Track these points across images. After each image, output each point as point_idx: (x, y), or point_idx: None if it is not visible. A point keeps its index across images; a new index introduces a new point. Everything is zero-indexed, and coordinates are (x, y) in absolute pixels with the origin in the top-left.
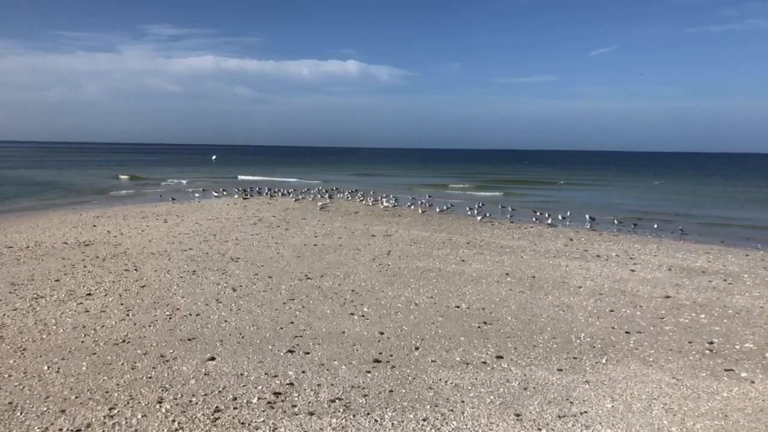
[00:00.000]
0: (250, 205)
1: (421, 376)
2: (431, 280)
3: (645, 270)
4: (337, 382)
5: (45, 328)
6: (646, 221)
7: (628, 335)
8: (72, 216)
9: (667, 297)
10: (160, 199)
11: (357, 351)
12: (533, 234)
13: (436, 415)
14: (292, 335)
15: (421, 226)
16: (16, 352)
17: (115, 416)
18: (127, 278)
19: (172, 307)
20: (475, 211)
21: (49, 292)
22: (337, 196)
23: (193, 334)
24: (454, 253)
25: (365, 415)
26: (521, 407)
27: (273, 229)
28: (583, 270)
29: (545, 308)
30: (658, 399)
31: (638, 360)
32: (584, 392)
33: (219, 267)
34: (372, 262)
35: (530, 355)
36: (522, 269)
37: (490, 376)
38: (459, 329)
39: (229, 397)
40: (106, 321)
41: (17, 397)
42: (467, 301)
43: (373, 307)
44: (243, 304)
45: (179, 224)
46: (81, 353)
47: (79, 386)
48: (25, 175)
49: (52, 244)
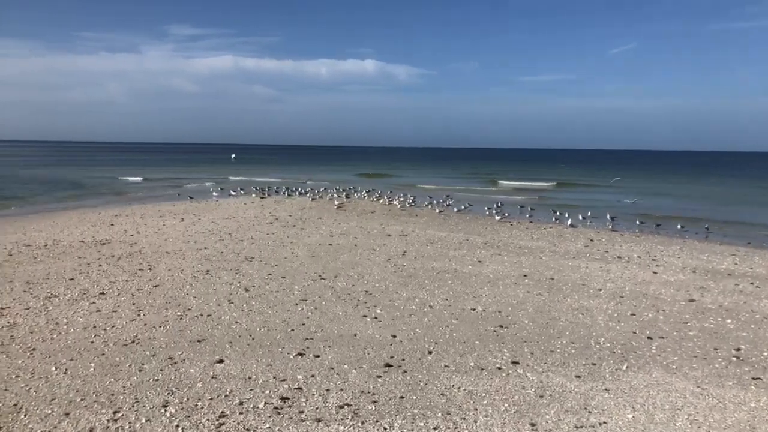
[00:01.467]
0: (267, 204)
1: (433, 381)
2: (447, 282)
3: (668, 272)
4: (346, 387)
5: (56, 328)
6: (668, 221)
7: (650, 341)
8: (91, 214)
9: (691, 300)
10: (178, 197)
11: (368, 354)
12: (553, 234)
13: (448, 423)
14: (302, 337)
15: (438, 225)
16: (26, 352)
17: (119, 420)
18: (140, 277)
19: (184, 308)
20: (493, 211)
21: (63, 291)
22: (354, 196)
23: (203, 336)
24: (471, 254)
25: (374, 422)
26: (537, 416)
27: (289, 228)
28: (603, 272)
29: (563, 311)
30: (682, 409)
31: (661, 367)
32: (603, 401)
33: (233, 267)
34: (387, 262)
35: (547, 361)
36: (540, 271)
37: (505, 382)
38: (474, 333)
39: (236, 401)
40: (117, 321)
41: (23, 398)
42: (483, 304)
43: (387, 309)
44: (255, 305)
45: (196, 223)
46: (90, 354)
47: (86, 388)
48: (47, 174)
49: (69, 243)
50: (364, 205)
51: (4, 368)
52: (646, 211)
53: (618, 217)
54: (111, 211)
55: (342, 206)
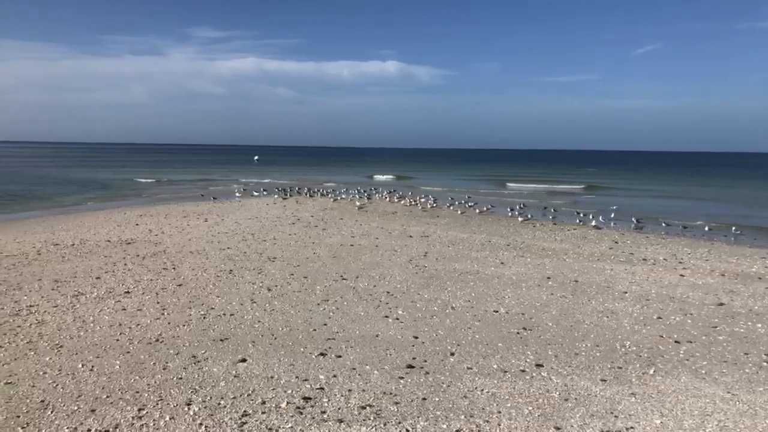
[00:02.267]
0: (289, 204)
1: (456, 383)
2: (469, 283)
3: (695, 275)
4: (368, 387)
5: (83, 326)
6: (695, 224)
7: (677, 345)
8: (116, 214)
9: (720, 304)
10: (201, 198)
11: (390, 355)
12: (576, 236)
13: (471, 426)
14: (324, 337)
15: (459, 227)
16: (53, 349)
17: (144, 417)
18: (164, 277)
19: (207, 307)
20: (516, 212)
21: (90, 290)
22: (376, 197)
23: (226, 335)
24: (494, 256)
25: (396, 423)
26: (562, 420)
27: (311, 228)
28: (628, 274)
29: (588, 314)
30: (711, 415)
31: (689, 372)
32: (630, 406)
33: (255, 266)
34: (408, 263)
35: (572, 364)
36: (564, 273)
37: (529, 385)
38: (497, 335)
39: (258, 400)
40: (142, 319)
41: (50, 395)
42: (506, 306)
43: (408, 310)
44: (277, 305)
45: (219, 223)
46: (115, 352)
47: (111, 385)
48: (75, 175)
49: (96, 242)
50: (385, 206)
51: (32, 365)
52: (670, 214)
53: (643, 219)
54: (136, 211)
55: (363, 207)
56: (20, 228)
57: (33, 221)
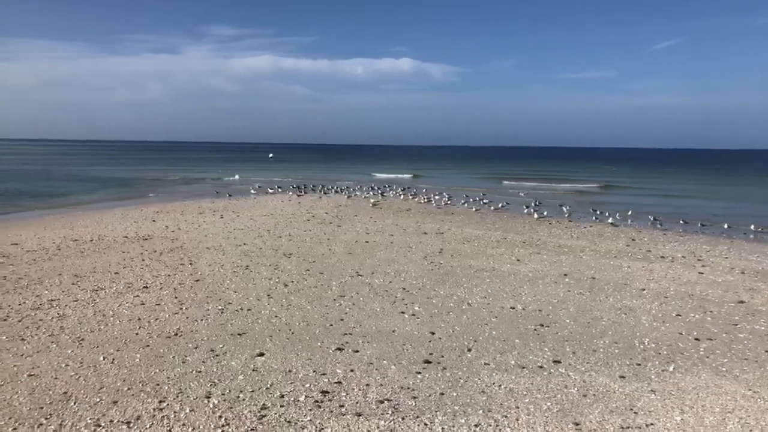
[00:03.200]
0: (303, 201)
1: (473, 379)
2: (485, 280)
3: (715, 272)
4: (386, 382)
5: (103, 320)
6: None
7: (697, 342)
8: (134, 211)
9: (740, 302)
10: (216, 195)
11: (407, 351)
12: (593, 233)
13: (489, 421)
14: (341, 332)
15: (474, 224)
16: (75, 342)
17: (164, 409)
18: (182, 272)
19: (224, 302)
20: (531, 210)
21: (109, 285)
22: (389, 194)
23: (244, 329)
24: (509, 253)
25: (414, 418)
26: (581, 416)
27: (325, 225)
28: (646, 271)
29: (606, 311)
30: (732, 412)
31: (710, 369)
32: (650, 402)
33: (271, 262)
34: (423, 260)
35: (590, 360)
36: (581, 270)
37: (547, 381)
38: (514, 331)
39: (277, 394)
40: (160, 314)
41: (72, 386)
42: (523, 302)
43: (424, 306)
44: (294, 300)
45: (234, 220)
46: (135, 345)
47: (132, 378)
48: (93, 173)
49: (114, 238)
50: (399, 203)
51: (55, 357)
52: (689, 212)
53: (661, 216)
54: (152, 207)
55: (377, 204)
56: (40, 224)
57: (52, 217)
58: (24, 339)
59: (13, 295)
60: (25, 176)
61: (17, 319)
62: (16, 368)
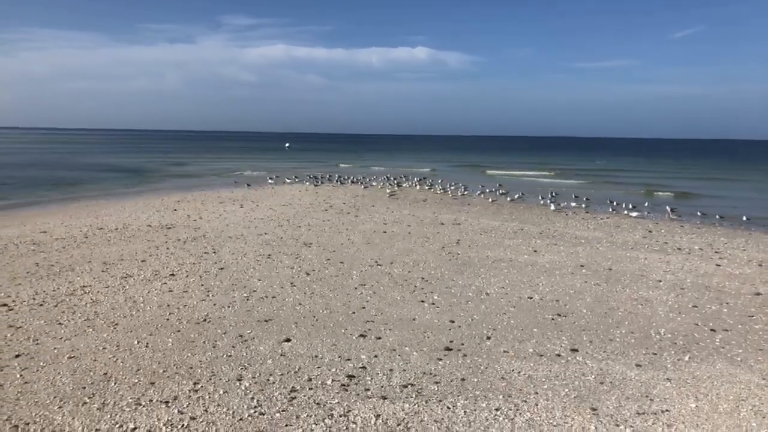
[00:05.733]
0: (321, 191)
1: (493, 365)
2: (502, 270)
3: (732, 265)
4: (408, 367)
5: (134, 306)
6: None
7: (713, 333)
8: (155, 200)
9: (757, 294)
10: (235, 185)
11: (428, 338)
12: (609, 225)
13: (509, 405)
14: (363, 320)
15: (491, 215)
16: (109, 326)
17: (199, 391)
18: (206, 260)
19: (249, 289)
20: (548, 201)
21: (137, 272)
22: (405, 184)
23: (270, 316)
24: (526, 244)
25: (437, 401)
26: (598, 402)
27: (343, 215)
28: (663, 263)
29: (622, 302)
30: (746, 400)
31: (725, 359)
32: (665, 390)
33: (293, 251)
34: (441, 250)
35: (606, 349)
36: (598, 261)
37: (565, 368)
38: (532, 320)
39: (305, 377)
40: (188, 301)
41: (111, 368)
42: (540, 293)
43: (443, 296)
44: (316, 288)
45: (254, 209)
46: (167, 330)
47: (166, 361)
48: (113, 161)
49: (137, 227)
50: (416, 194)
51: (92, 341)
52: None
53: (678, 208)
54: (173, 197)
55: (394, 195)
56: (66, 213)
57: (77, 206)
58: (61, 323)
59: (47, 281)
60: (45, 165)
61: (53, 304)
62: (56, 350)
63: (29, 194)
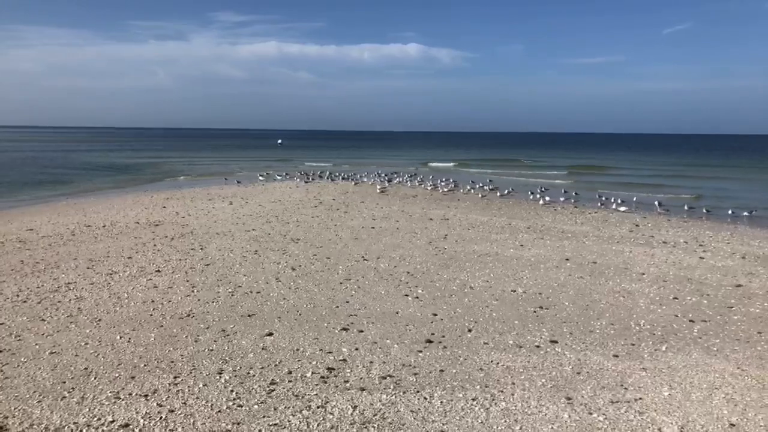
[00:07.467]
0: (311, 188)
1: (472, 357)
2: (488, 264)
3: (715, 257)
4: (388, 360)
5: (118, 301)
6: (720, 207)
7: (692, 323)
8: (144, 197)
9: (738, 286)
10: (225, 182)
11: (410, 331)
12: (597, 219)
13: (486, 395)
14: (347, 314)
15: (480, 210)
16: (93, 322)
17: (179, 384)
18: (193, 257)
19: (234, 285)
20: (537, 196)
21: (122, 269)
22: (396, 181)
23: (253, 311)
24: (513, 238)
25: (415, 392)
26: (573, 391)
27: (332, 211)
28: (647, 256)
29: (605, 294)
30: (719, 389)
31: (701, 349)
32: (640, 379)
33: (280, 247)
34: (428, 245)
35: (586, 341)
36: (583, 255)
37: (543, 359)
38: (514, 313)
39: (285, 370)
40: (173, 296)
41: (92, 363)
42: (524, 286)
43: (428, 290)
44: (301, 283)
45: (243, 206)
46: (150, 325)
47: (148, 355)
48: (103, 159)
49: (125, 224)
50: (406, 190)
51: (74, 336)
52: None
53: (666, 203)
54: (162, 194)
55: (384, 191)
56: (54, 211)
57: (65, 204)
58: (44, 319)
59: (32, 278)
60: (35, 163)
61: (36, 300)
62: (38, 346)
63: (17, 192)
